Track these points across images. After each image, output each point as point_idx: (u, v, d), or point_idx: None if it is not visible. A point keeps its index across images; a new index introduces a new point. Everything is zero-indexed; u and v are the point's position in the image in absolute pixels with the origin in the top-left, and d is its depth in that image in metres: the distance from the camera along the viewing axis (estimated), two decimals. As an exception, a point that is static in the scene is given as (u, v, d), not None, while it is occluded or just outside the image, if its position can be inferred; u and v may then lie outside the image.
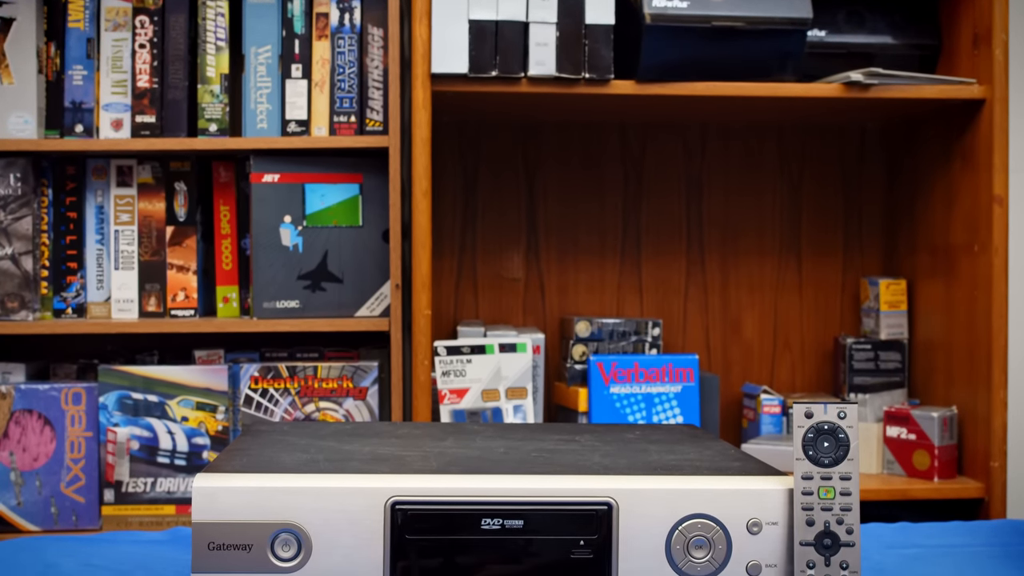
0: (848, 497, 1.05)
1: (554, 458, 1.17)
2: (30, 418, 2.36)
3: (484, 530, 1.03)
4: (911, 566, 1.45)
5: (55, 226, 2.45)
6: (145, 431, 2.37)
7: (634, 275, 2.72)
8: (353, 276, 2.42)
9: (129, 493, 2.36)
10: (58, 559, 1.45)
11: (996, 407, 2.33)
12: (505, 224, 2.69)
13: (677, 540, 1.05)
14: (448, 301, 2.68)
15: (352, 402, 2.39)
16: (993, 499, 2.34)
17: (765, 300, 2.75)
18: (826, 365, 2.75)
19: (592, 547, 1.04)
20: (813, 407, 1.06)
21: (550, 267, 2.70)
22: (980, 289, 2.36)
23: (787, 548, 1.06)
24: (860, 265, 2.77)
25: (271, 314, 2.39)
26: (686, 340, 2.72)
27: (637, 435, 1.36)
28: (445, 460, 1.15)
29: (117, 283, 2.44)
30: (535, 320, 2.69)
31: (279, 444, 1.24)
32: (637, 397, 2.43)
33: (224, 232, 2.48)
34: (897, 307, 2.62)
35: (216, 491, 1.03)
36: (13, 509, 2.35)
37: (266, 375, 2.39)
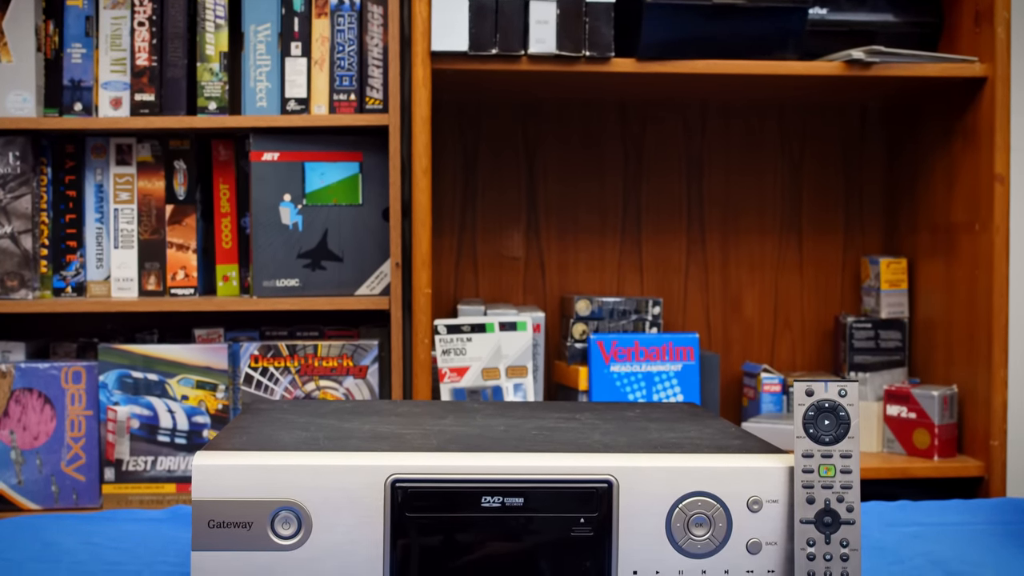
0: (848, 475, 1.04)
1: (554, 436, 1.17)
2: (30, 397, 2.36)
3: (484, 508, 1.03)
4: (911, 544, 1.45)
5: (54, 205, 2.44)
6: (145, 410, 2.37)
7: (634, 254, 2.71)
8: (353, 255, 2.42)
9: (129, 472, 2.37)
10: (58, 537, 1.45)
11: (996, 386, 2.33)
12: (505, 203, 2.69)
13: (677, 518, 1.05)
14: (448, 280, 2.67)
15: (352, 381, 2.39)
16: (993, 478, 2.34)
17: (765, 279, 2.75)
18: (826, 344, 2.75)
19: (592, 525, 1.04)
20: (814, 385, 1.06)
21: (550, 246, 2.70)
22: (981, 268, 2.36)
23: (787, 526, 1.06)
24: (861, 244, 2.76)
25: (271, 293, 2.39)
26: (686, 319, 2.72)
27: (637, 413, 1.36)
28: (445, 438, 1.15)
29: (117, 262, 2.44)
30: (535, 299, 2.69)
31: (279, 422, 1.23)
32: (637, 376, 2.42)
33: (224, 210, 2.47)
34: (897, 286, 2.61)
35: (216, 469, 1.03)
36: (13, 488, 2.36)
37: (266, 354, 2.39)
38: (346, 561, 1.03)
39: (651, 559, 1.05)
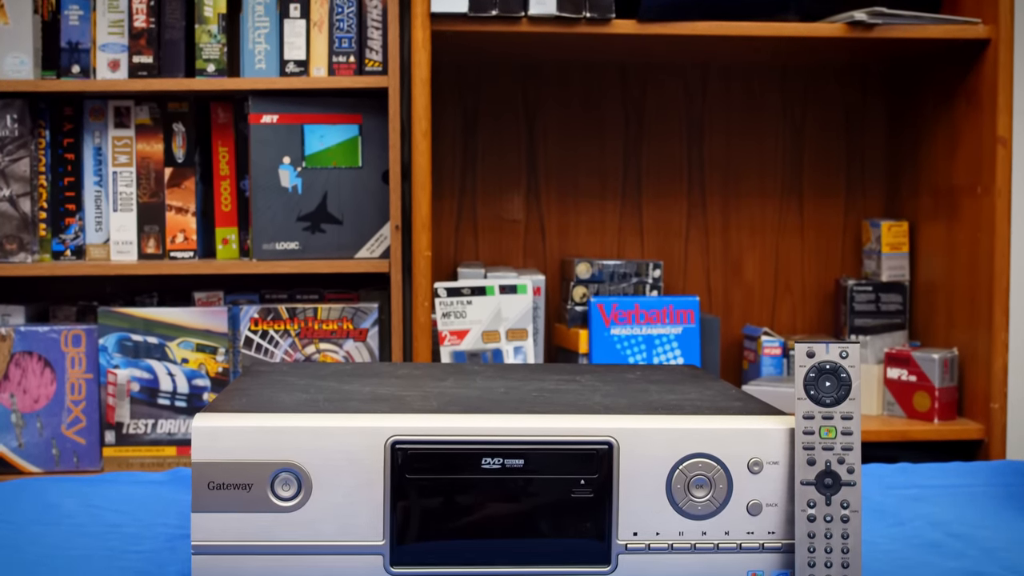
0: (849, 437, 1.04)
1: (554, 398, 1.17)
2: (30, 360, 2.36)
3: (484, 469, 1.03)
4: (911, 506, 1.46)
5: (53, 168, 2.43)
6: (145, 373, 2.37)
7: (635, 217, 2.71)
8: (353, 217, 2.41)
9: (130, 435, 2.37)
10: (59, 499, 1.45)
11: (997, 349, 2.33)
12: (505, 166, 2.68)
13: (678, 479, 1.05)
14: (448, 243, 2.67)
15: (352, 343, 2.39)
16: (993, 440, 2.34)
17: (766, 242, 2.74)
18: (827, 307, 2.75)
19: (592, 486, 1.04)
20: (815, 347, 1.06)
21: (550, 209, 2.69)
22: (983, 231, 2.35)
23: (788, 487, 1.06)
24: (862, 207, 2.75)
25: (271, 256, 2.38)
26: (687, 282, 2.72)
27: (638, 375, 1.35)
28: (445, 400, 1.15)
29: (116, 225, 2.43)
30: (535, 262, 2.68)
31: (279, 384, 1.23)
32: (638, 339, 2.42)
33: (223, 173, 2.46)
34: (899, 249, 2.61)
35: (216, 431, 1.03)
36: (14, 451, 2.36)
37: (266, 317, 2.38)
38: (346, 522, 1.03)
39: (651, 520, 1.05)
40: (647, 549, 1.05)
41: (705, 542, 1.05)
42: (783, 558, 1.06)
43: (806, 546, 1.04)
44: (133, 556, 1.23)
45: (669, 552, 1.05)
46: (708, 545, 1.05)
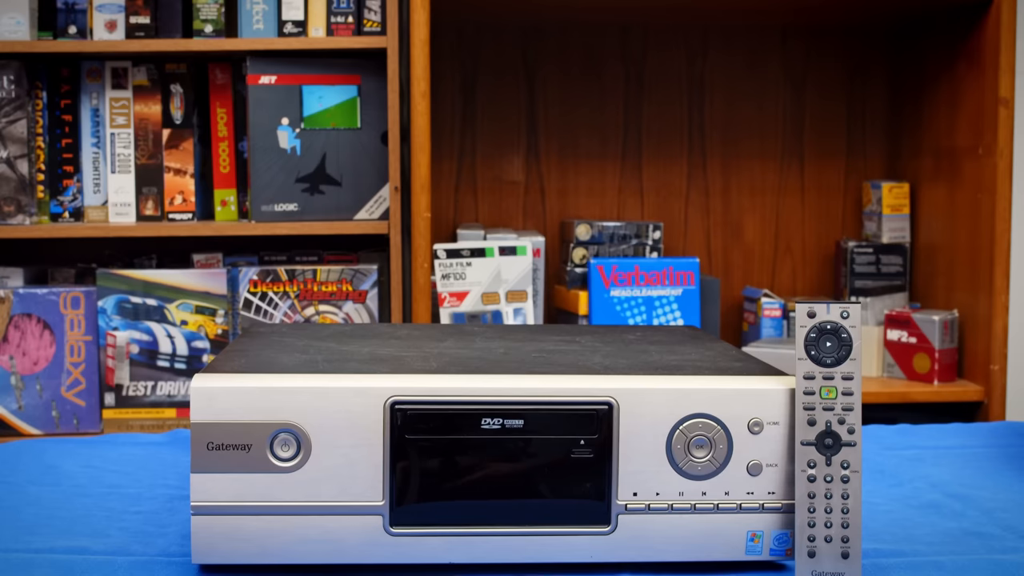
0: (850, 397, 1.04)
1: (554, 358, 1.17)
2: (29, 322, 2.36)
3: (484, 430, 1.03)
4: (911, 467, 1.46)
5: (50, 129, 2.42)
6: (144, 335, 2.36)
7: (635, 178, 2.70)
8: (352, 179, 2.40)
9: (130, 397, 2.37)
10: (59, 460, 1.45)
11: (997, 310, 2.32)
12: (505, 127, 2.67)
13: (678, 440, 1.05)
14: (447, 204, 2.66)
15: (352, 305, 2.38)
16: (992, 402, 2.34)
17: (767, 204, 2.73)
18: (827, 269, 2.74)
19: (592, 446, 1.04)
20: (816, 307, 1.05)
21: (550, 170, 2.68)
22: (984, 192, 2.35)
23: (788, 448, 1.05)
24: (863, 169, 2.74)
25: (269, 217, 2.38)
26: (687, 244, 2.71)
27: (638, 336, 1.35)
28: (445, 360, 1.14)
29: (114, 187, 2.42)
30: (535, 223, 2.68)
31: (278, 345, 1.23)
32: (637, 300, 2.42)
33: (221, 135, 2.45)
34: (899, 211, 2.60)
35: (214, 391, 1.02)
36: (14, 413, 2.36)
37: (265, 278, 2.38)
38: (345, 483, 1.02)
39: (651, 481, 1.04)
40: (647, 509, 1.05)
41: (705, 502, 1.05)
42: (783, 518, 1.06)
43: (806, 506, 1.03)
44: (132, 517, 1.23)
45: (669, 512, 1.05)
46: (708, 505, 1.05)
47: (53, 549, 1.11)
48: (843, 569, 1.03)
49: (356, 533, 1.03)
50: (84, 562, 1.07)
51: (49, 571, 1.05)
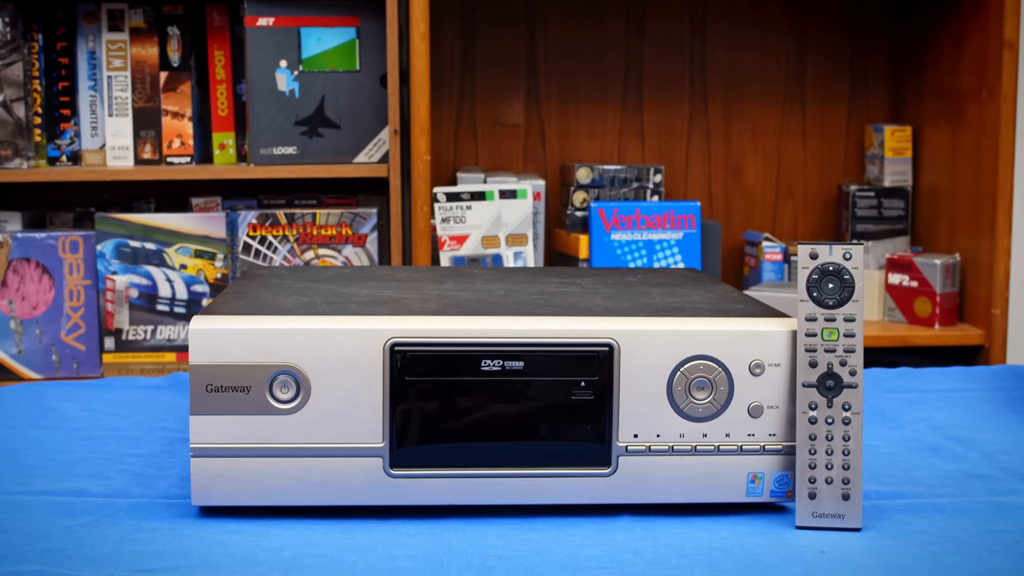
0: (852, 339, 1.03)
1: (554, 300, 1.16)
2: (28, 267, 2.35)
3: (484, 371, 1.03)
4: (912, 410, 1.46)
5: (47, 72, 2.40)
6: (144, 279, 2.36)
7: (636, 122, 2.68)
8: (351, 122, 2.39)
9: (129, 341, 2.37)
10: (59, 403, 1.45)
11: (999, 254, 2.32)
12: (505, 70, 2.65)
13: (679, 381, 1.04)
14: (447, 148, 2.64)
15: (351, 249, 2.37)
16: (993, 346, 2.34)
17: (768, 147, 2.72)
18: (828, 213, 2.73)
19: (593, 388, 1.03)
20: (818, 248, 1.04)
21: (551, 113, 2.66)
22: (987, 135, 2.33)
23: (789, 390, 1.05)
24: (865, 112, 2.72)
25: (268, 161, 2.36)
26: (688, 187, 2.70)
27: (638, 278, 1.34)
28: (445, 302, 1.14)
29: (112, 130, 2.41)
30: (535, 167, 2.66)
31: (277, 288, 1.22)
32: (638, 244, 2.41)
33: (219, 78, 2.43)
34: (902, 154, 2.59)
35: (213, 333, 1.02)
36: (14, 357, 2.36)
37: (264, 222, 2.37)
38: (345, 425, 1.02)
39: (652, 422, 1.04)
40: (647, 451, 1.05)
41: (706, 444, 1.05)
42: (784, 460, 1.06)
43: (807, 448, 1.03)
44: (132, 459, 1.23)
45: (670, 454, 1.05)
46: (709, 447, 1.05)
47: (53, 491, 1.11)
48: (843, 511, 1.03)
49: (356, 475, 1.03)
50: (84, 504, 1.07)
51: (49, 513, 1.05)
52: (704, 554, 0.97)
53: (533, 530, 1.02)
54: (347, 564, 0.94)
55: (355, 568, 0.93)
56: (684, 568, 0.94)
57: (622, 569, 0.93)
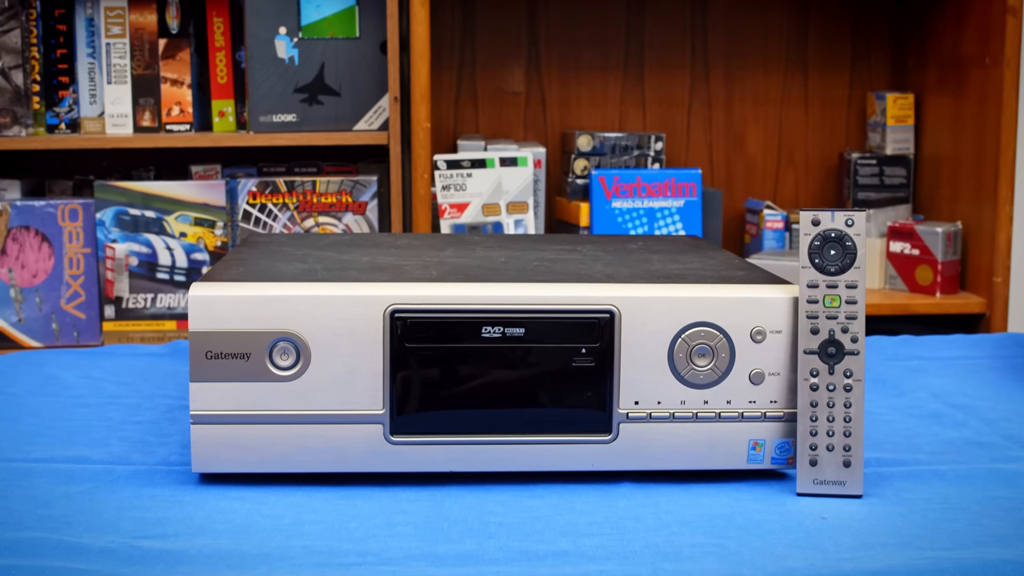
0: (854, 306, 1.03)
1: (555, 267, 1.16)
2: (27, 235, 2.34)
3: (485, 338, 1.02)
4: (913, 377, 1.45)
5: (45, 39, 2.39)
6: (143, 247, 2.35)
7: (637, 89, 2.67)
8: (351, 89, 2.38)
9: (129, 309, 2.36)
10: (58, 371, 1.45)
11: (1001, 222, 2.31)
12: (505, 37, 2.63)
13: (680, 348, 1.04)
14: (447, 115, 2.63)
15: (351, 217, 2.37)
16: (995, 314, 2.34)
17: (770, 115, 2.71)
18: (830, 181, 2.72)
19: (593, 355, 1.03)
20: (820, 214, 1.04)
21: (551, 81, 2.65)
22: (990, 103, 2.32)
23: (791, 357, 1.05)
24: (867, 79, 2.71)
25: (268, 128, 2.35)
26: (689, 155, 2.69)
27: (640, 245, 1.34)
28: (445, 269, 1.13)
29: (110, 97, 2.40)
30: (536, 135, 2.65)
31: (277, 254, 1.22)
32: (639, 211, 2.40)
33: (218, 44, 2.42)
34: (904, 122, 2.58)
35: (213, 300, 1.01)
36: (14, 325, 2.36)
37: (264, 190, 2.36)
38: (345, 392, 1.02)
39: (653, 389, 1.04)
40: (648, 418, 1.04)
41: (707, 411, 1.05)
42: (785, 427, 1.06)
43: (808, 415, 1.03)
44: (133, 427, 1.23)
45: (671, 421, 1.05)
46: (710, 414, 1.05)
47: (53, 458, 1.11)
48: (844, 477, 1.03)
49: (356, 442, 1.03)
50: (84, 471, 1.07)
51: (49, 480, 1.05)
52: (705, 520, 0.97)
53: (534, 497, 1.02)
54: (348, 531, 0.94)
55: (356, 534, 0.93)
56: (685, 534, 0.94)
57: (623, 535, 0.93)
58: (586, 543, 0.92)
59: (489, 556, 0.89)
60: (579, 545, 0.91)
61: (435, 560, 0.88)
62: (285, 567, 0.87)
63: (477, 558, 0.89)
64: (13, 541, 0.90)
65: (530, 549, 0.91)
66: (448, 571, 0.86)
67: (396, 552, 0.90)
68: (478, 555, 0.89)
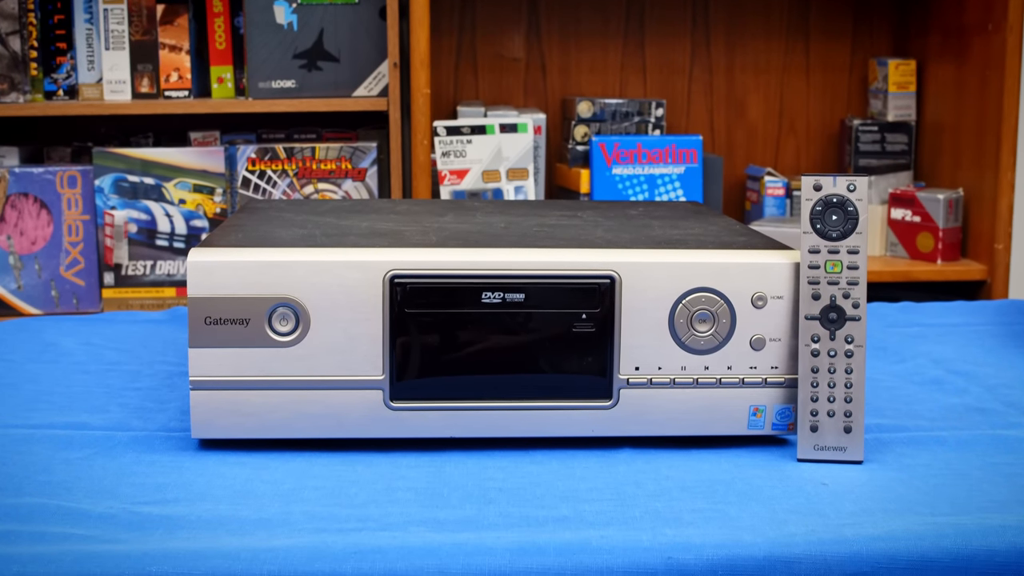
0: (855, 271, 1.02)
1: (556, 233, 1.15)
2: (26, 202, 2.34)
3: (484, 304, 1.02)
4: (913, 344, 1.45)
5: (42, 5, 2.38)
6: (143, 214, 2.35)
7: (638, 56, 2.65)
8: (350, 55, 2.36)
9: (129, 276, 2.36)
10: (58, 338, 1.45)
11: (1003, 189, 2.30)
12: (505, 3, 2.62)
13: (680, 314, 1.03)
14: (447, 81, 2.62)
15: (351, 183, 2.36)
16: (996, 281, 2.34)
17: (771, 82, 2.69)
18: (831, 148, 2.71)
19: (594, 320, 1.03)
20: (822, 179, 1.03)
21: (552, 47, 2.64)
22: (992, 69, 2.31)
23: (792, 322, 1.04)
24: (869, 46, 2.70)
25: (267, 94, 2.34)
26: (689, 122, 2.68)
27: (640, 211, 1.33)
28: (445, 234, 1.13)
29: (108, 64, 2.39)
30: (536, 101, 2.64)
31: (276, 220, 1.21)
32: (639, 178, 2.40)
33: (216, 10, 2.41)
34: (906, 88, 2.57)
35: (212, 265, 1.01)
36: (13, 293, 2.35)
37: (263, 156, 2.35)
38: (345, 357, 1.02)
39: (653, 355, 1.04)
40: (649, 384, 1.04)
41: (707, 377, 1.05)
42: (786, 393, 1.05)
43: (809, 381, 1.03)
44: (132, 393, 1.22)
45: (671, 387, 1.04)
46: (710, 380, 1.05)
47: (52, 424, 1.11)
48: (845, 443, 1.03)
49: (356, 408, 1.03)
50: (83, 437, 1.07)
51: (49, 446, 1.05)
52: (705, 486, 0.97)
53: (534, 463, 1.02)
54: (347, 496, 0.94)
55: (355, 500, 0.93)
56: (685, 500, 0.93)
57: (623, 501, 0.93)
58: (586, 509, 0.92)
59: (489, 522, 0.89)
60: (579, 511, 0.91)
61: (435, 525, 0.88)
62: (285, 533, 0.87)
63: (477, 523, 0.89)
64: (12, 507, 0.90)
65: (530, 515, 0.90)
66: (448, 536, 0.86)
67: (396, 518, 0.90)
68: (478, 520, 0.89)
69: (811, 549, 0.85)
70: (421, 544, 0.84)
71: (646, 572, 0.83)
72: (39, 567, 0.80)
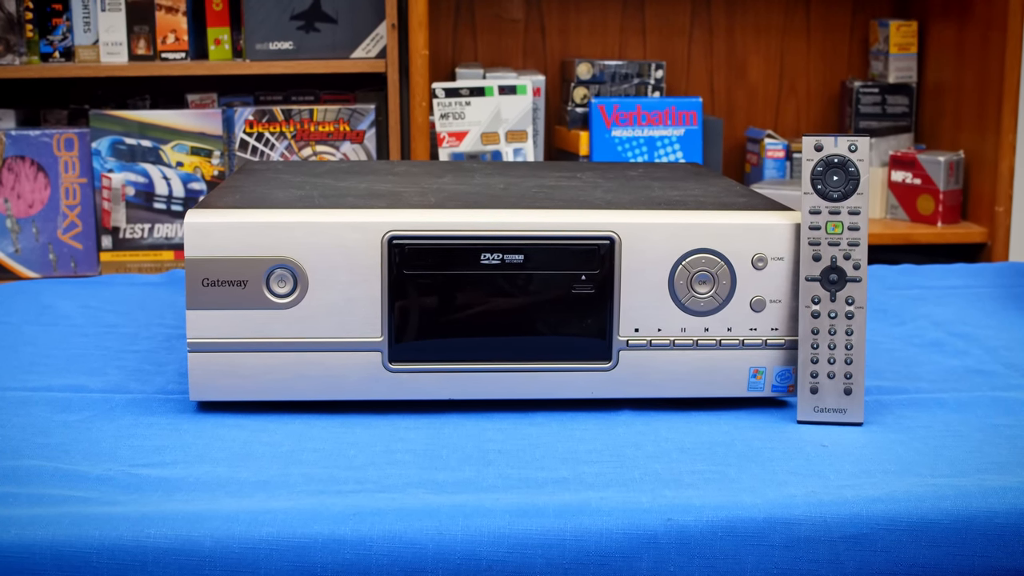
0: (856, 232, 1.02)
1: (555, 194, 1.14)
2: (23, 164, 2.33)
3: (483, 265, 1.01)
4: (914, 306, 1.45)
5: (38, -35, 2.36)
6: (140, 177, 2.34)
7: (637, 17, 2.64)
8: (348, 16, 2.35)
9: (127, 239, 2.35)
10: (55, 301, 1.44)
11: (1004, 151, 2.30)
12: (504, -37, 2.60)
13: (680, 275, 1.03)
14: (446, 43, 2.60)
15: (349, 145, 2.35)
16: (996, 243, 2.33)
17: (771, 44, 2.68)
18: (832, 110, 2.70)
19: (593, 282, 1.02)
20: (823, 140, 1.02)
21: (551, 8, 2.62)
22: (995, 30, 2.29)
23: (792, 284, 1.04)
24: (870, 7, 2.68)
25: (264, 56, 2.33)
26: (689, 84, 2.67)
27: (640, 172, 1.32)
28: (443, 196, 1.12)
29: (104, 25, 2.37)
30: (535, 63, 2.63)
31: (273, 182, 1.20)
32: (639, 140, 2.39)
33: (213, -29, 2.39)
34: (907, 50, 2.55)
35: (209, 227, 1.00)
36: (11, 256, 2.35)
37: (261, 119, 2.34)
38: (343, 319, 1.01)
39: (653, 316, 1.03)
40: (648, 345, 1.04)
41: (707, 338, 1.04)
42: (786, 354, 1.05)
43: (809, 342, 1.02)
44: (130, 355, 1.22)
45: (671, 348, 1.04)
46: (710, 341, 1.04)
47: (50, 387, 1.10)
48: (845, 405, 1.02)
49: (355, 369, 1.02)
50: (81, 400, 1.07)
51: (46, 408, 1.05)
52: (705, 448, 0.96)
53: (533, 425, 1.02)
54: (346, 458, 0.94)
55: (354, 462, 0.93)
56: (684, 461, 0.93)
57: (623, 462, 0.93)
58: (586, 470, 0.91)
59: (488, 483, 0.89)
60: (579, 472, 0.91)
61: (434, 487, 0.88)
62: (283, 495, 0.86)
63: (476, 485, 0.88)
64: (11, 469, 0.90)
65: (529, 476, 0.90)
66: (447, 498, 0.85)
67: (395, 479, 0.89)
68: (477, 482, 0.89)
69: (811, 511, 0.85)
70: (420, 506, 0.84)
71: (645, 533, 0.83)
72: (38, 529, 0.80)
